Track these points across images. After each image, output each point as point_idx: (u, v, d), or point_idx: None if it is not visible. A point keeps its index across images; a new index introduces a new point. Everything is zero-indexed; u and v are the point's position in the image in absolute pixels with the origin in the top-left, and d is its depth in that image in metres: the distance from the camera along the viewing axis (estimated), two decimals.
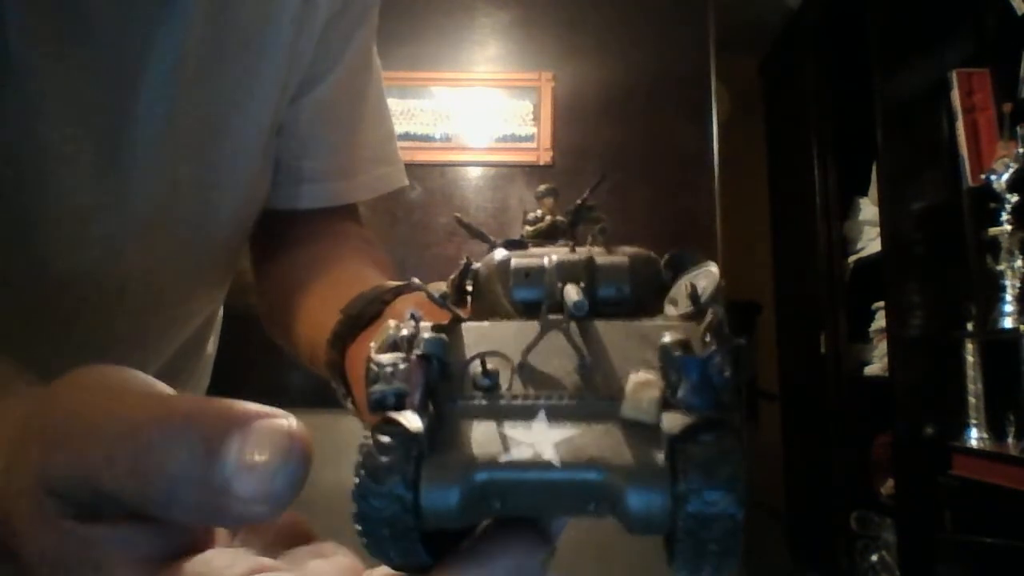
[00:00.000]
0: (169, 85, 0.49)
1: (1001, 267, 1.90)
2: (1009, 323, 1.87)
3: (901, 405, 2.19)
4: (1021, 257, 1.89)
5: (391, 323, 0.25)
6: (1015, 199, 1.88)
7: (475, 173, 2.49)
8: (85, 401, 0.24)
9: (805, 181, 2.94)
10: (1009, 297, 1.89)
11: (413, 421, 0.22)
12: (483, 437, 0.22)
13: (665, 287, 0.27)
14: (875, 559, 2.43)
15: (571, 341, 0.24)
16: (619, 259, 0.27)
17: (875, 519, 2.44)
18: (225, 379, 0.73)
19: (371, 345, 0.25)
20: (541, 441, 0.22)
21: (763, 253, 3.49)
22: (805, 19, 3.04)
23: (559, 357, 0.24)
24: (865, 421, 2.54)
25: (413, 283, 0.27)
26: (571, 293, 0.25)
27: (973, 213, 2.02)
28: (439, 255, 2.37)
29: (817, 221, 2.85)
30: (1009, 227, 1.89)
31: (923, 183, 2.24)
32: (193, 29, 0.48)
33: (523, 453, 0.22)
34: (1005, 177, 1.89)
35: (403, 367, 0.23)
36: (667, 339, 0.23)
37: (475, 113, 2.52)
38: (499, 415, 0.23)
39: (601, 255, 0.27)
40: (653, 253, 0.28)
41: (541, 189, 0.38)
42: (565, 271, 0.26)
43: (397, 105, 2.49)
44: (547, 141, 2.48)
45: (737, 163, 2.95)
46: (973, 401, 1.95)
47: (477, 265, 0.29)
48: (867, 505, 2.48)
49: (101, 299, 0.52)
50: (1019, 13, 1.91)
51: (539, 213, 0.33)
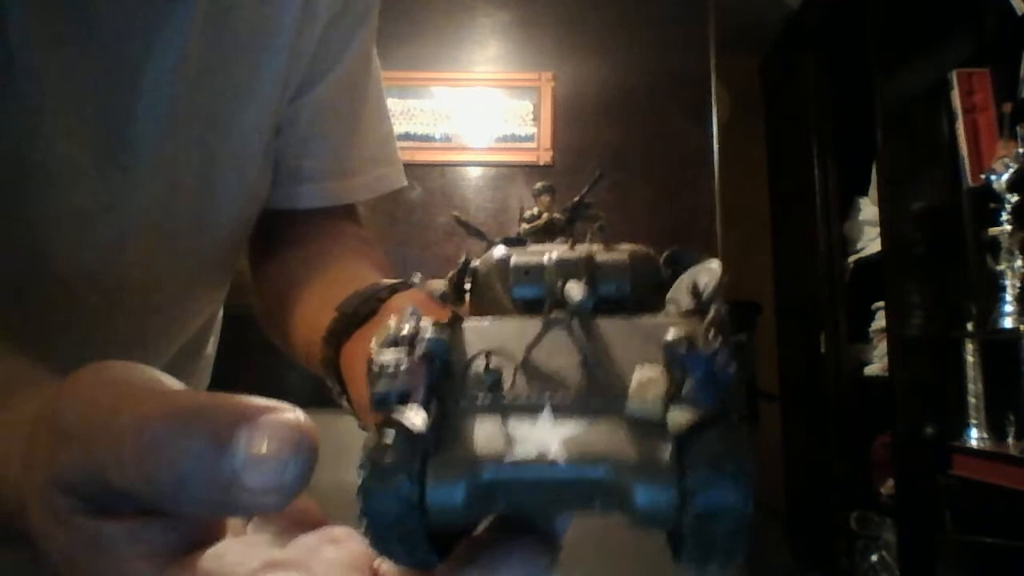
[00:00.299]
0: (170, 86, 0.49)
1: (1001, 267, 1.90)
2: (1009, 323, 1.87)
3: (901, 405, 2.19)
4: (1021, 257, 1.89)
5: (392, 320, 0.25)
6: (1015, 199, 1.88)
7: (475, 173, 2.49)
8: (93, 398, 0.24)
9: (805, 181, 2.94)
10: (1009, 297, 1.89)
11: (418, 419, 0.22)
12: (488, 435, 0.22)
13: (664, 284, 0.27)
14: (875, 559, 2.43)
15: (574, 338, 0.24)
16: (619, 256, 0.27)
17: (875, 519, 2.44)
18: (225, 379, 0.73)
19: (371, 342, 0.25)
20: (546, 438, 0.22)
21: (763, 253, 3.49)
22: (805, 19, 3.04)
23: (562, 354, 0.24)
24: (865, 421, 2.54)
25: (412, 279, 0.27)
26: (574, 290, 0.25)
27: (973, 213, 2.02)
28: (439, 255, 2.37)
29: (817, 221, 2.85)
30: (1009, 227, 1.89)
31: (923, 183, 2.24)
32: (194, 30, 0.48)
33: (528, 450, 0.22)
34: (1005, 177, 1.89)
35: (405, 366, 0.23)
36: (671, 336, 0.23)
37: (475, 113, 2.52)
38: (503, 413, 0.23)
39: (601, 252, 0.27)
40: (652, 250, 0.28)
41: (538, 187, 0.38)
42: (565, 268, 0.26)
43: (397, 105, 2.49)
44: (547, 141, 2.49)
45: (737, 163, 2.95)
46: (973, 401, 1.95)
47: (476, 263, 0.29)
48: (867, 505, 2.48)
49: (101, 299, 0.52)
50: (1019, 13, 1.91)
51: (536, 211, 0.33)
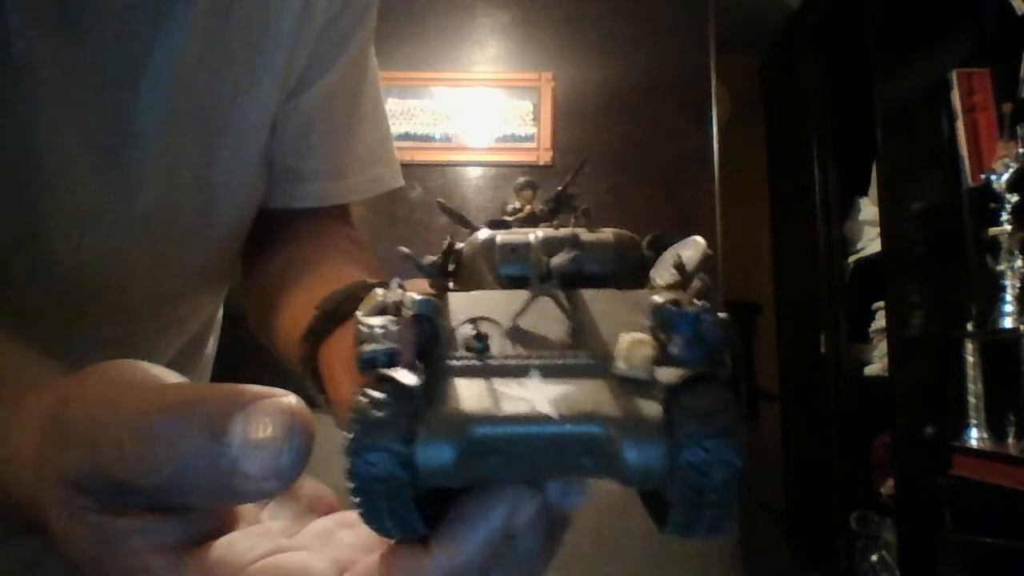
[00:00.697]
0: (169, 86, 0.49)
1: (1001, 267, 1.90)
2: (1009, 323, 1.87)
3: (901, 405, 2.19)
4: (1021, 257, 1.89)
5: (378, 291, 0.25)
6: (1015, 199, 1.88)
7: (475, 173, 2.49)
8: (96, 398, 0.25)
9: (805, 181, 2.94)
10: (1009, 297, 1.89)
11: (408, 376, 0.22)
12: (477, 394, 0.22)
13: (646, 266, 0.28)
14: (875, 559, 2.43)
15: (561, 305, 0.25)
16: (603, 235, 0.28)
17: (875, 519, 2.44)
18: (224, 379, 0.73)
19: (358, 311, 0.25)
20: (536, 397, 0.22)
21: (763, 253, 3.49)
22: (805, 19, 3.04)
23: (549, 322, 0.25)
24: (865, 421, 2.54)
25: (401, 249, 0.28)
26: (562, 255, 0.25)
27: (973, 213, 2.02)
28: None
29: (817, 221, 2.85)
30: (1009, 227, 1.89)
31: (923, 183, 2.24)
32: (193, 31, 0.48)
33: (520, 407, 0.22)
34: (1005, 177, 1.89)
35: (394, 328, 0.23)
36: (658, 299, 0.23)
37: (475, 113, 2.52)
38: (491, 374, 0.23)
39: (585, 233, 0.28)
40: (634, 235, 0.29)
41: (520, 182, 0.39)
42: (551, 246, 0.27)
43: (397, 105, 2.49)
44: (547, 141, 2.48)
45: (737, 163, 2.95)
46: (973, 401, 1.95)
47: (460, 245, 0.29)
48: (867, 505, 2.48)
49: (102, 300, 0.52)
50: (1019, 13, 1.91)
51: (518, 205, 0.33)
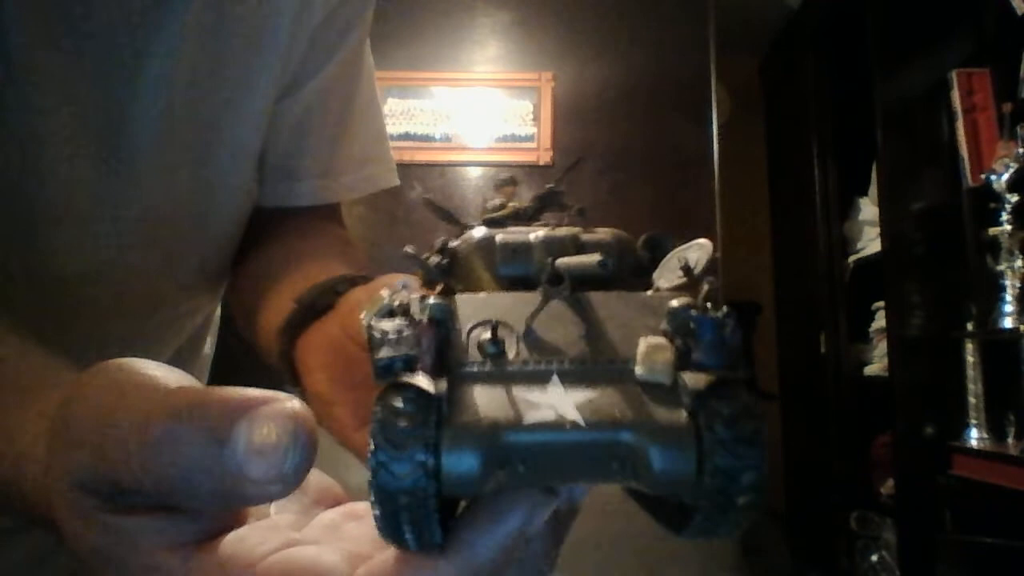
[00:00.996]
0: (166, 87, 0.49)
1: (1001, 267, 1.90)
2: (1009, 323, 1.87)
3: (901, 405, 2.19)
4: (1021, 257, 1.89)
5: (383, 292, 0.25)
6: (1015, 199, 1.88)
7: (475, 173, 2.49)
8: (99, 401, 0.25)
9: (805, 181, 2.94)
10: (1009, 297, 1.89)
11: (431, 383, 0.22)
12: (499, 401, 0.22)
13: (643, 266, 0.28)
14: (875, 559, 2.43)
15: (575, 309, 0.24)
16: (604, 236, 0.28)
17: (875, 519, 2.44)
18: (222, 380, 0.73)
19: (362, 314, 0.25)
20: (560, 403, 0.22)
21: (763, 253, 3.49)
22: (805, 19, 3.04)
23: (562, 325, 0.24)
24: (865, 421, 2.54)
25: (406, 249, 0.27)
26: (591, 256, 0.25)
27: (973, 213, 2.02)
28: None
29: (817, 221, 2.85)
30: (1009, 227, 1.88)
31: (923, 183, 2.24)
32: (191, 31, 0.48)
33: (546, 414, 0.22)
34: (1005, 177, 1.88)
35: (408, 332, 0.23)
36: (676, 303, 0.23)
37: (475, 113, 2.52)
38: (510, 380, 0.23)
39: (582, 233, 0.28)
40: (628, 235, 0.29)
41: (501, 179, 0.38)
42: (552, 247, 0.27)
43: (397, 105, 2.49)
44: (547, 141, 2.48)
45: (737, 163, 2.95)
46: (973, 401, 1.95)
47: (455, 243, 0.29)
48: (867, 505, 2.48)
49: (100, 300, 0.52)
50: (1019, 13, 1.91)
51: (498, 202, 0.33)
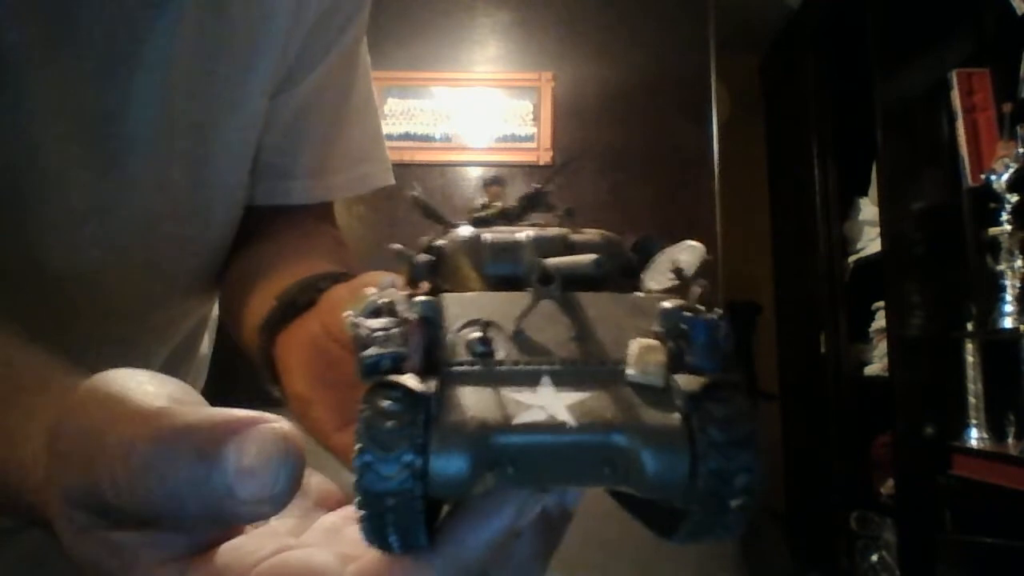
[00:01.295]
0: (162, 86, 0.48)
1: (1001, 267, 1.90)
2: (1009, 323, 1.87)
3: (901, 405, 2.19)
4: (1021, 257, 1.89)
5: (369, 291, 0.25)
6: (1015, 199, 1.88)
7: (475, 173, 2.49)
8: (89, 419, 0.25)
9: (805, 181, 2.94)
10: (1009, 297, 1.89)
11: (420, 384, 0.21)
12: (488, 401, 0.21)
13: (632, 268, 0.27)
14: (875, 559, 2.43)
15: (565, 309, 0.24)
16: (593, 236, 0.27)
17: (875, 519, 2.44)
18: (221, 380, 0.73)
19: (348, 313, 0.25)
20: (551, 404, 0.21)
21: (763, 253, 3.49)
22: (805, 19, 3.04)
23: (552, 325, 0.24)
24: (865, 421, 2.54)
25: (394, 249, 0.27)
26: (586, 256, 0.25)
27: (973, 213, 2.02)
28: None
29: (817, 221, 2.85)
30: (1009, 227, 1.88)
31: (923, 183, 2.24)
32: (185, 31, 0.48)
33: (537, 415, 0.21)
34: (1005, 177, 1.88)
35: (395, 331, 0.22)
36: (669, 304, 0.23)
37: (475, 113, 2.52)
38: (499, 381, 0.22)
39: (572, 233, 0.27)
40: (616, 235, 0.28)
41: (487, 178, 0.38)
42: (542, 246, 0.26)
43: (397, 105, 2.49)
44: (547, 141, 2.48)
45: (737, 163, 2.94)
46: (973, 401, 1.95)
47: (441, 242, 0.28)
48: (867, 505, 2.48)
49: (96, 300, 0.52)
50: (1019, 13, 1.91)
51: (485, 201, 0.32)
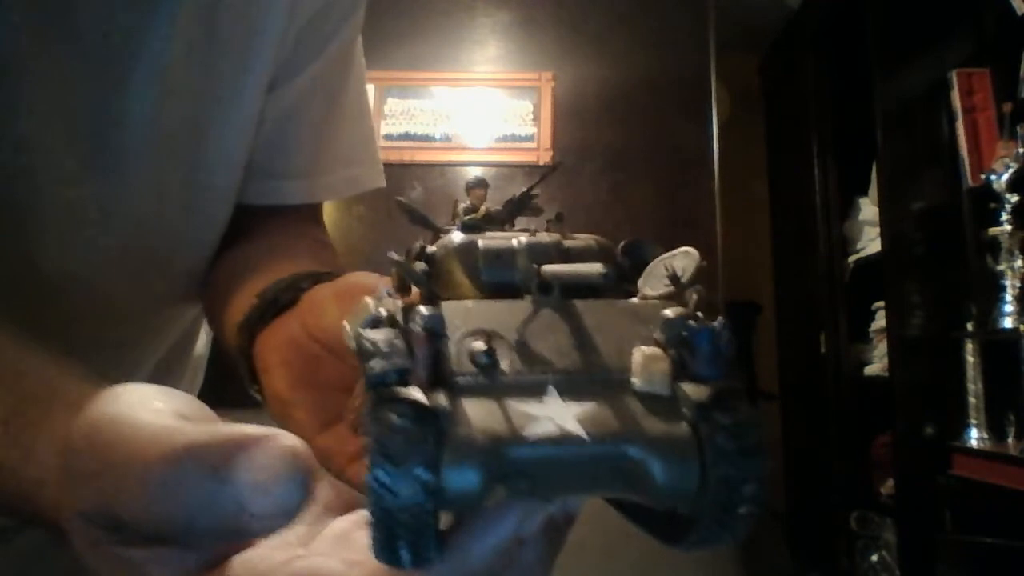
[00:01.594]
0: (157, 87, 0.48)
1: (1001, 267, 1.90)
2: (1009, 323, 1.87)
3: (901, 405, 2.19)
4: (1021, 257, 1.89)
5: (368, 300, 0.24)
6: (1015, 199, 1.88)
7: (475, 173, 2.49)
8: (102, 439, 0.25)
9: (805, 181, 2.94)
10: (1009, 297, 1.89)
11: (430, 398, 0.21)
12: (497, 414, 0.21)
13: (623, 273, 0.27)
14: (875, 559, 2.43)
15: (565, 318, 0.24)
16: (587, 243, 0.27)
17: (875, 519, 2.44)
18: (219, 379, 0.73)
19: (345, 323, 0.24)
20: (560, 416, 0.21)
21: (763, 253, 3.49)
22: (805, 19, 3.04)
23: (553, 334, 0.24)
24: (865, 421, 2.53)
25: (391, 257, 0.27)
26: (593, 266, 0.24)
27: (973, 213, 2.02)
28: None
29: (817, 221, 2.85)
30: (1009, 227, 1.88)
31: (923, 183, 2.24)
32: (181, 31, 0.48)
33: (547, 428, 0.21)
34: (1005, 177, 1.88)
35: (398, 343, 0.22)
36: (670, 313, 0.23)
37: (475, 113, 2.52)
38: (505, 392, 0.22)
39: (564, 240, 0.27)
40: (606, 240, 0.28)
41: (471, 180, 0.37)
42: (536, 252, 0.26)
43: (397, 105, 2.49)
44: (547, 141, 2.48)
45: (737, 163, 2.95)
46: (973, 401, 1.95)
47: (432, 248, 0.28)
48: (867, 505, 2.48)
49: (91, 302, 0.52)
50: (1019, 13, 1.91)
51: (469, 204, 0.32)
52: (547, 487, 0.21)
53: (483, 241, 0.27)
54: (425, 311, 0.23)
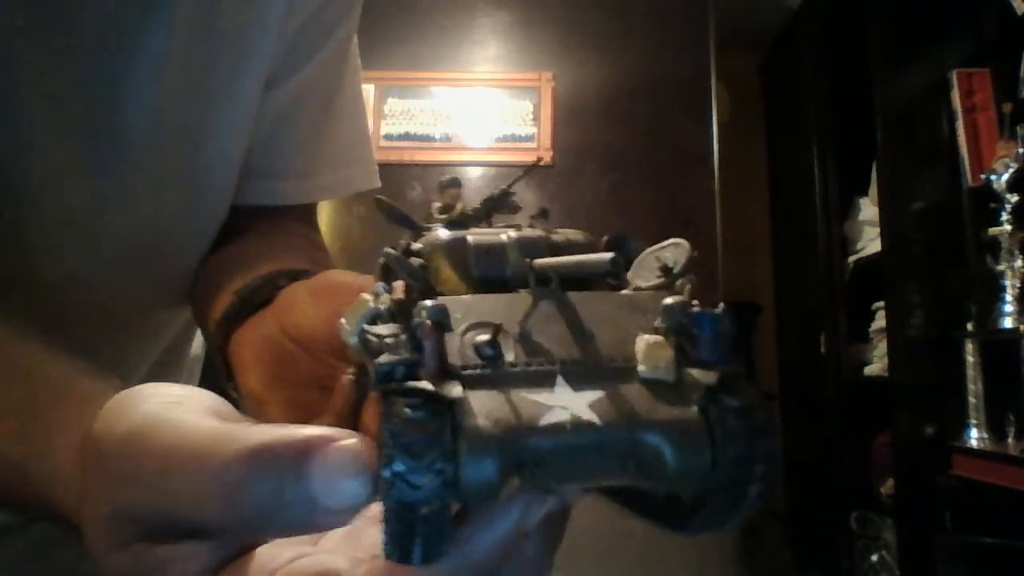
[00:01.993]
0: (155, 89, 0.48)
1: (1001, 267, 1.90)
2: (1009, 323, 1.87)
3: (901, 405, 2.19)
4: (1021, 257, 1.89)
5: (366, 296, 0.25)
6: (1015, 199, 1.88)
7: (475, 173, 2.49)
8: (149, 439, 0.25)
9: (805, 181, 2.94)
10: (1009, 297, 1.89)
11: (444, 389, 0.21)
12: (509, 404, 0.21)
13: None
14: (875, 559, 2.43)
15: (564, 309, 0.24)
16: (576, 236, 0.28)
17: (875, 519, 2.44)
18: (216, 380, 0.73)
19: (343, 319, 0.24)
20: (573, 404, 0.21)
21: (763, 253, 3.49)
22: (805, 18, 3.04)
23: (554, 325, 0.24)
24: (865, 421, 2.53)
25: (388, 252, 0.27)
26: (601, 256, 0.25)
27: (973, 213, 2.02)
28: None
29: (817, 221, 2.85)
30: (1009, 227, 1.88)
31: (923, 183, 2.24)
32: (178, 32, 0.48)
33: (562, 416, 0.21)
34: (1005, 177, 1.88)
35: (403, 337, 0.22)
36: (670, 300, 0.23)
37: (475, 113, 2.52)
38: (513, 383, 0.22)
39: (550, 234, 0.27)
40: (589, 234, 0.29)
41: (445, 179, 0.37)
42: (527, 247, 0.26)
43: (397, 105, 2.49)
44: (547, 141, 2.48)
45: (737, 163, 2.95)
46: (973, 401, 1.95)
47: (417, 245, 0.28)
48: (867, 505, 2.48)
49: (88, 304, 0.52)
50: (1019, 13, 1.91)
51: (444, 203, 0.32)
52: (560, 475, 0.21)
53: (472, 237, 0.27)
54: (429, 304, 0.23)
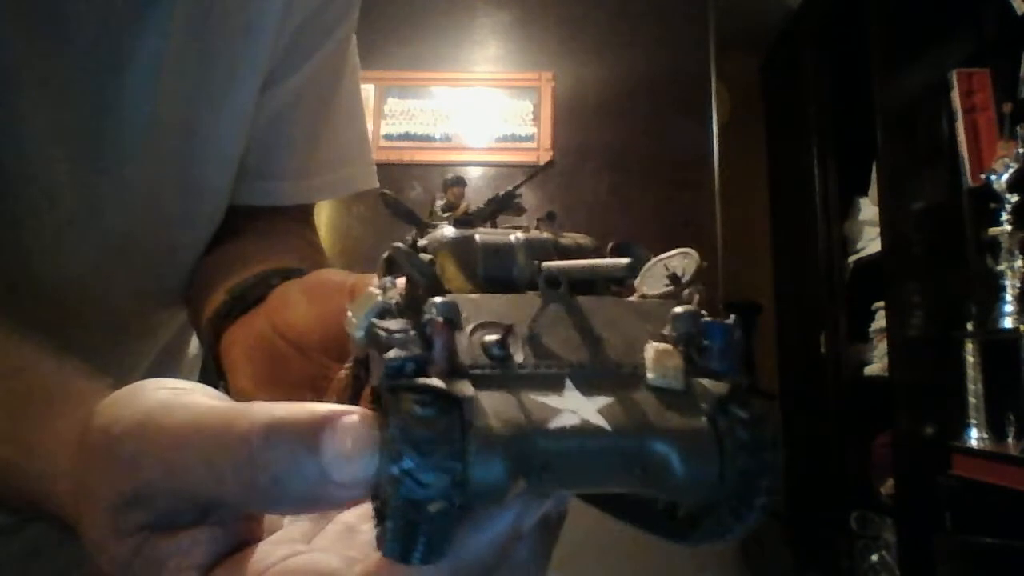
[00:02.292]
0: (152, 87, 0.48)
1: (1001, 267, 1.90)
2: (1009, 323, 1.87)
3: (901, 405, 2.19)
4: (1021, 257, 1.89)
5: (373, 291, 0.24)
6: (1015, 199, 1.88)
7: (475, 173, 2.49)
8: (158, 420, 0.26)
9: (805, 181, 2.94)
10: (1009, 297, 1.89)
11: (456, 387, 0.21)
12: (518, 406, 0.21)
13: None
14: (875, 559, 2.43)
15: (573, 313, 0.24)
16: (584, 241, 0.27)
17: (875, 519, 2.44)
18: (214, 380, 0.73)
19: (349, 312, 0.24)
20: (582, 408, 0.21)
21: (763, 253, 3.48)
22: (806, 19, 3.04)
23: (563, 329, 0.24)
24: (865, 421, 2.53)
25: (396, 247, 0.27)
26: (618, 260, 0.25)
27: (973, 213, 2.01)
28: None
29: (817, 221, 2.85)
30: (1009, 227, 1.88)
31: (923, 183, 2.24)
32: (174, 35, 0.48)
33: (571, 420, 0.21)
34: (1005, 177, 1.88)
35: (414, 333, 0.22)
36: (680, 309, 0.23)
37: (475, 113, 2.52)
38: (521, 385, 0.22)
39: (557, 237, 0.27)
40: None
41: (449, 178, 0.37)
42: (535, 249, 0.26)
43: (397, 105, 2.49)
44: (547, 141, 2.49)
45: (737, 163, 2.95)
46: (973, 401, 1.95)
47: (423, 242, 0.28)
48: (867, 505, 2.48)
49: (85, 305, 0.52)
50: (1019, 13, 1.91)
51: (447, 202, 0.32)
52: (566, 479, 0.21)
53: (480, 236, 0.27)
54: (440, 300, 0.22)
